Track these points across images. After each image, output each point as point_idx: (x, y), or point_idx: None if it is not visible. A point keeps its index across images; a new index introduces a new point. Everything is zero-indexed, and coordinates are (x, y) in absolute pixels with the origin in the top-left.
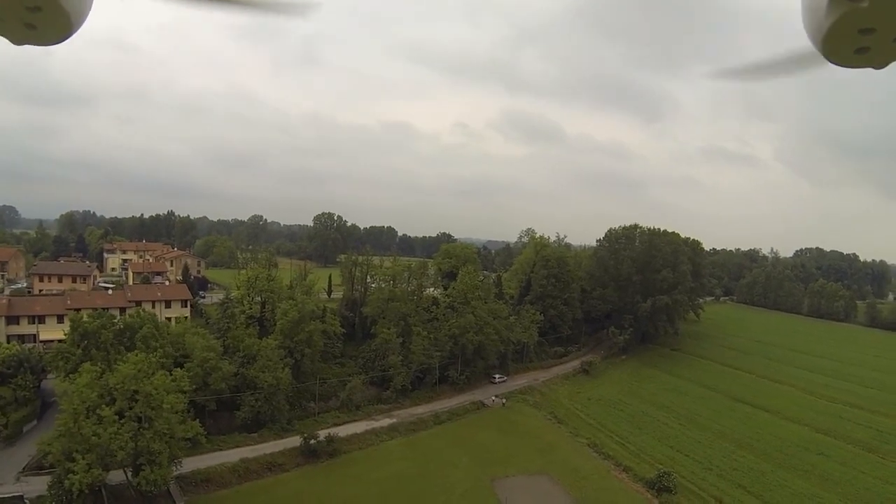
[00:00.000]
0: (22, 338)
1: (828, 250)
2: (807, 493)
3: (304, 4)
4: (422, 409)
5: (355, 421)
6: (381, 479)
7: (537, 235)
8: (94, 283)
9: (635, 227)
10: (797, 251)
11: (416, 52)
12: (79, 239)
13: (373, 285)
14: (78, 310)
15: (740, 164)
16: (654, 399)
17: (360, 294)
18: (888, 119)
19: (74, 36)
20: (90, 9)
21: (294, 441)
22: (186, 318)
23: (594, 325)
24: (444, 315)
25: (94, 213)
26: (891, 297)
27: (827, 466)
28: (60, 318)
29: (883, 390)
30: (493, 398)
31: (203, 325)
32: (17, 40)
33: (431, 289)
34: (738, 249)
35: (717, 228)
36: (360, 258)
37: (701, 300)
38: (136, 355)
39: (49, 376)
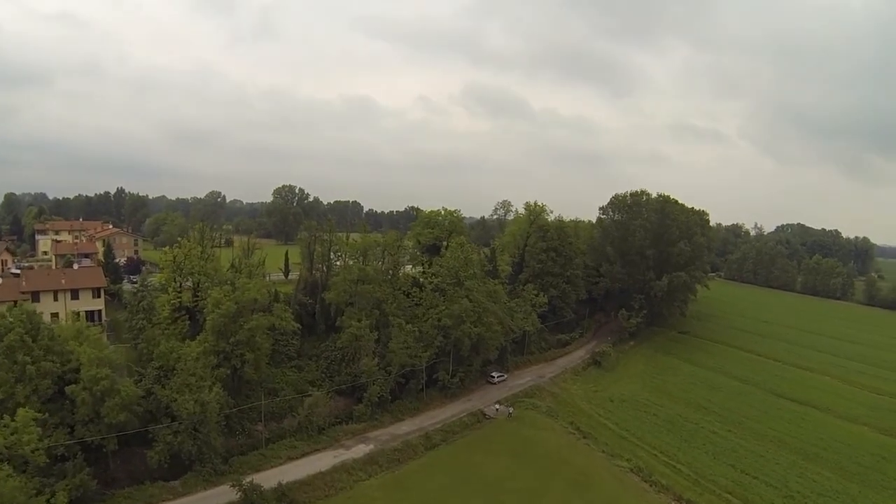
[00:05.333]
0: None
1: (811, 227)
2: None
3: None
4: (406, 427)
5: (318, 451)
6: None
7: (533, 203)
8: (5, 269)
9: (642, 193)
10: (778, 227)
11: (377, 25)
12: (13, 220)
13: (337, 263)
14: None
15: (708, 141)
16: (685, 397)
17: (322, 275)
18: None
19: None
20: None
21: (230, 492)
22: (100, 311)
23: (592, 306)
24: (430, 300)
25: (45, 195)
26: (873, 275)
27: None
28: None
29: None
30: (496, 406)
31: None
32: None
33: (409, 266)
34: (720, 224)
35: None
36: (323, 232)
37: (704, 276)
38: None
39: None
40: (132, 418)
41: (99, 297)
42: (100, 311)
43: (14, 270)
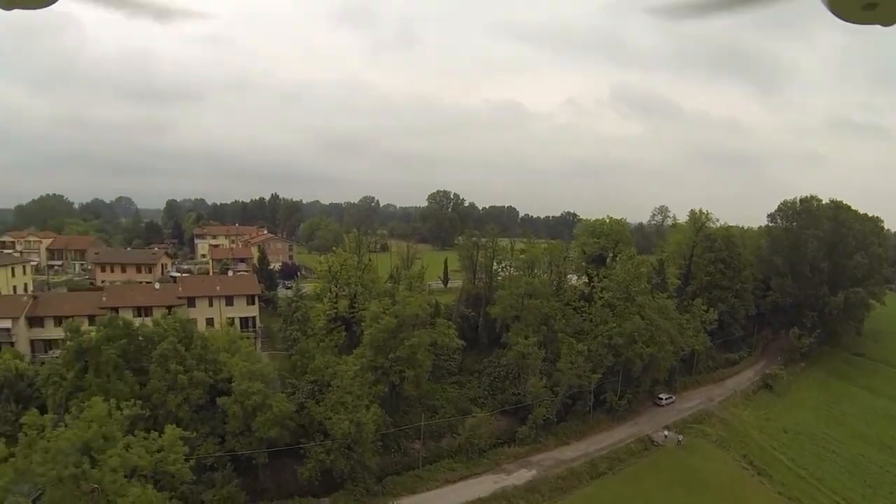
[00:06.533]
0: (48, 343)
1: None
2: None
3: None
4: (571, 452)
5: (477, 474)
6: None
7: (697, 210)
8: (164, 272)
9: (812, 198)
10: None
11: (515, 29)
12: (174, 225)
13: (500, 274)
14: (115, 309)
15: (870, 137)
16: (867, 432)
17: (485, 286)
18: None
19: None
20: None
21: None
22: (254, 318)
23: (758, 321)
24: (600, 316)
25: (204, 200)
26: None
27: None
28: (92, 319)
29: None
30: (665, 433)
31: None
32: (6, 5)
33: (573, 277)
34: (889, 230)
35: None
36: (484, 239)
37: (882, 291)
38: (97, 405)
39: None
40: (284, 433)
41: (253, 303)
42: (254, 317)
43: (173, 274)
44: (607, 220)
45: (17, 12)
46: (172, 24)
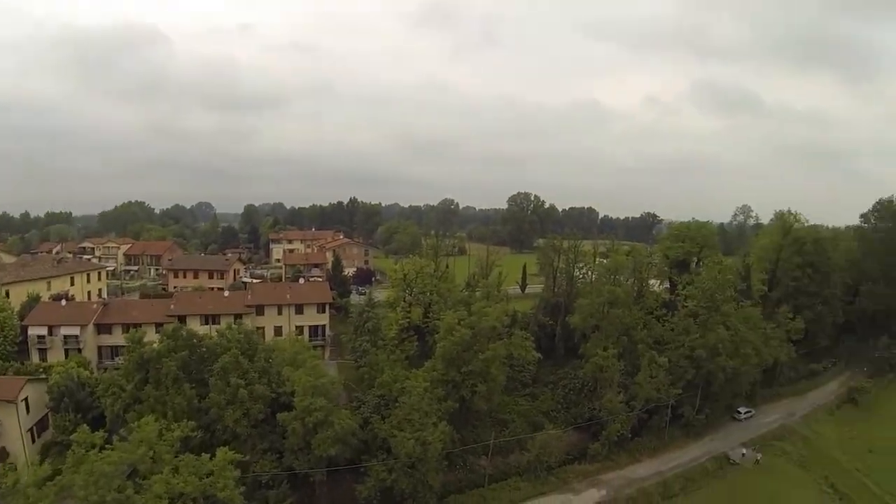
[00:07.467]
0: (115, 350)
1: None
2: None
3: None
4: (643, 470)
5: (543, 493)
6: None
7: (785, 210)
8: (236, 278)
9: None
10: None
11: (596, 27)
12: (251, 230)
13: (580, 280)
14: (182, 317)
15: None
16: None
17: (565, 293)
18: None
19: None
20: None
21: None
22: (324, 326)
23: (844, 329)
24: (682, 326)
25: (283, 205)
26: None
27: None
28: (160, 326)
29: None
30: (743, 451)
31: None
32: None
33: (655, 282)
34: None
35: None
36: (565, 242)
37: None
38: (147, 425)
39: None
40: (345, 449)
41: (324, 311)
42: (323, 326)
43: (244, 279)
44: (692, 224)
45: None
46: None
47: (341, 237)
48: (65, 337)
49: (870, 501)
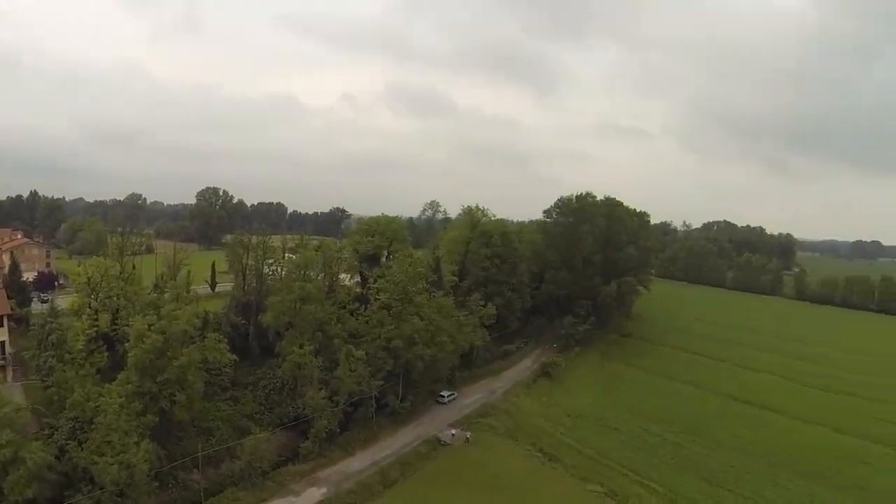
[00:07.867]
0: None
1: (737, 224)
2: None
3: None
4: (358, 463)
5: (264, 500)
6: None
7: (473, 206)
8: None
9: (588, 195)
10: (705, 224)
11: (301, 22)
12: None
13: (269, 277)
14: None
15: (632, 139)
16: (642, 407)
17: (255, 291)
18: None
19: None
20: None
21: None
22: (2, 343)
23: (532, 311)
24: (376, 319)
25: None
26: (803, 269)
27: (884, 481)
28: None
29: (868, 373)
30: (452, 431)
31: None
32: None
33: (346, 276)
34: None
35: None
36: (254, 238)
37: (649, 278)
38: None
39: None
40: (43, 486)
41: (1, 325)
42: (2, 342)
43: None
44: (382, 218)
45: None
46: None
47: (20, 236)
48: None
49: (575, 458)
